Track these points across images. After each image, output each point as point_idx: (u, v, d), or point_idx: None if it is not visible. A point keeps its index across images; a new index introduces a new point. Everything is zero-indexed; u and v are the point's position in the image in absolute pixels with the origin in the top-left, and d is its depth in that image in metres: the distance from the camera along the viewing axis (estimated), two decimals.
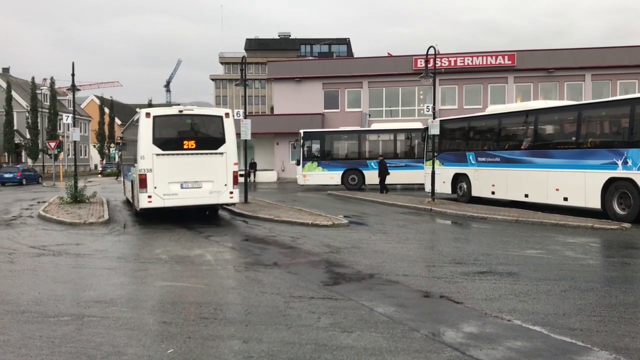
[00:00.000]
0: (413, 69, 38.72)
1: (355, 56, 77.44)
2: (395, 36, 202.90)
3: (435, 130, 19.37)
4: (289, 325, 5.94)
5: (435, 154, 20.60)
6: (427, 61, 20.02)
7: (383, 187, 24.70)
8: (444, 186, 20.82)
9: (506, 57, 38.82)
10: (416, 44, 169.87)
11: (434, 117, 19.96)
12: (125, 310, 6.66)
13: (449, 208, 17.53)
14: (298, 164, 29.39)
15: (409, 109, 40.48)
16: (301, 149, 28.84)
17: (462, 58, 39.31)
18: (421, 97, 40.30)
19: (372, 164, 27.75)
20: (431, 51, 19.60)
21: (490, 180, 18.47)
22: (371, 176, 27.60)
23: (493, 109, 20.40)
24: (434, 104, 20.35)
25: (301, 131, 29.34)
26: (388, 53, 45.20)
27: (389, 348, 5.24)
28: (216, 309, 6.62)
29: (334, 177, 28.53)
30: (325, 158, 28.80)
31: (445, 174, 20.65)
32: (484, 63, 38.98)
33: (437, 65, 20.58)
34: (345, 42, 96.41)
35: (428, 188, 20.54)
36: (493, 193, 18.53)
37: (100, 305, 6.85)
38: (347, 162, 28.76)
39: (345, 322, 6.04)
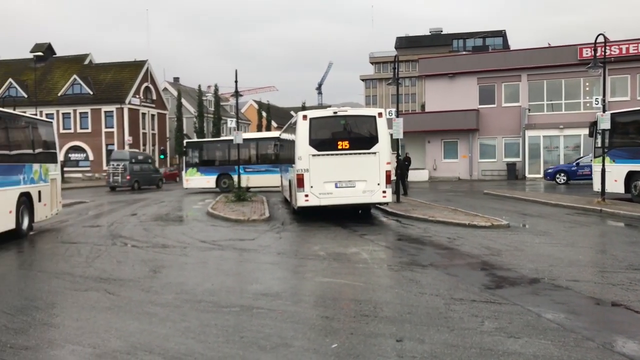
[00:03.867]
0: (578, 59, 35.92)
1: (512, 49, 73.90)
2: (558, 25, 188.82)
3: (605, 124, 17.81)
4: (451, 327, 5.80)
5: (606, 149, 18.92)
6: (595, 50, 18.46)
7: None
8: (615, 185, 19.03)
9: None
10: (582, 32, 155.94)
11: (604, 110, 18.37)
12: (289, 303, 6.96)
13: (622, 209, 16.01)
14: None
15: (573, 102, 37.64)
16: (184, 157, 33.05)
17: (636, 45, 35.60)
18: (587, 89, 37.27)
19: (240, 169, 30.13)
20: (600, 39, 18.05)
21: None
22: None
23: None
24: (604, 96, 18.72)
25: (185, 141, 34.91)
26: (548, 43, 42.41)
27: (561, 357, 4.91)
28: (375, 307, 6.66)
29: (210, 180, 31.63)
30: (204, 165, 32.14)
31: (616, 172, 18.87)
32: None
33: (606, 54, 18.90)
34: (501, 34, 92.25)
35: (597, 187, 18.93)
36: None
37: (266, 298, 7.22)
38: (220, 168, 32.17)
39: (511, 328, 5.77)
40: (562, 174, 29.98)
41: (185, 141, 35.14)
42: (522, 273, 8.44)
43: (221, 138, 43.25)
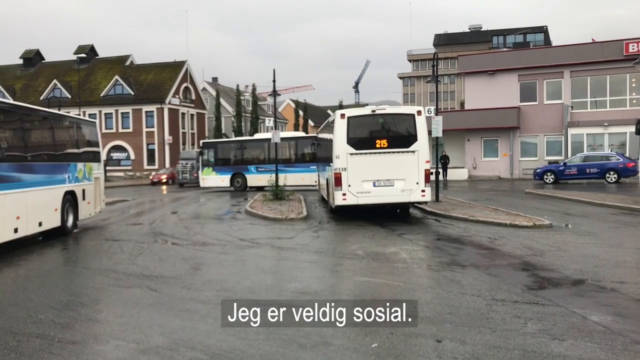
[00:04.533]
0: (624, 54, 34.80)
1: (553, 45, 72.22)
2: (602, 20, 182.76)
3: None
4: (493, 328, 5.70)
5: None
6: None
7: None
8: None
9: None
10: (628, 27, 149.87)
11: None
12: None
13: None
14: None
15: (619, 98, 36.53)
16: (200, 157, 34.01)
17: None
18: (633, 85, 36.14)
19: (252, 169, 32.24)
20: None
21: None
22: (252, 179, 31.97)
23: None
24: None
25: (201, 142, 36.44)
26: (592, 39, 41.22)
27: None
28: (416, 307, 6.59)
29: (224, 180, 32.57)
30: (218, 164, 33.05)
31: None
32: None
33: None
34: (542, 30, 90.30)
35: None
36: None
37: (306, 297, 7.24)
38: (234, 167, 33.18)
39: (555, 329, 5.64)
40: (550, 174, 30.65)
41: (201, 142, 36.65)
42: (566, 274, 8.24)
43: (235, 138, 45.53)
